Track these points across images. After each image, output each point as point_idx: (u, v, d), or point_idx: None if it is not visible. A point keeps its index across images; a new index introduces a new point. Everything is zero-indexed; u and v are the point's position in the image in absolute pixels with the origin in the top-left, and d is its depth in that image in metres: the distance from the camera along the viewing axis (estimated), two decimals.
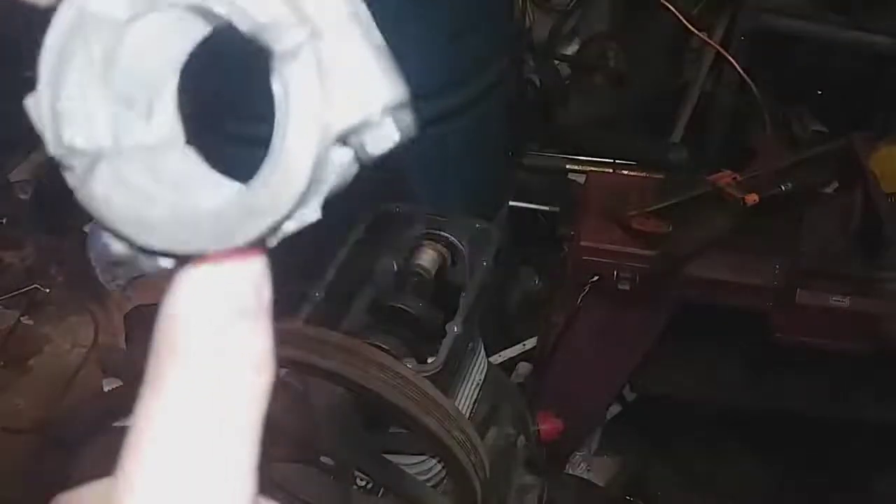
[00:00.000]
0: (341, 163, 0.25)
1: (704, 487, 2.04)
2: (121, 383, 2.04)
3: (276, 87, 0.23)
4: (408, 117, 0.24)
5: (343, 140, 0.24)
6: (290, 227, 0.25)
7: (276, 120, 0.23)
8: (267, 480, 0.27)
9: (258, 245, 0.25)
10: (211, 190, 0.25)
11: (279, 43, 0.23)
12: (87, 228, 2.45)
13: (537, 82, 2.38)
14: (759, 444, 2.06)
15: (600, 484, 2.04)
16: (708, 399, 2.02)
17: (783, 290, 1.50)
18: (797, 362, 1.76)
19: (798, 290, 1.49)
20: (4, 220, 2.42)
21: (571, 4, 2.38)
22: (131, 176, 0.25)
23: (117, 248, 0.27)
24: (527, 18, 2.27)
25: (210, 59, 0.27)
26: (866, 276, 1.49)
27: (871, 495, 2.03)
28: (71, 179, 0.25)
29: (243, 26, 0.23)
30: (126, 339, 1.92)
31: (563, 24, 2.41)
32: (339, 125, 0.23)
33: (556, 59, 2.47)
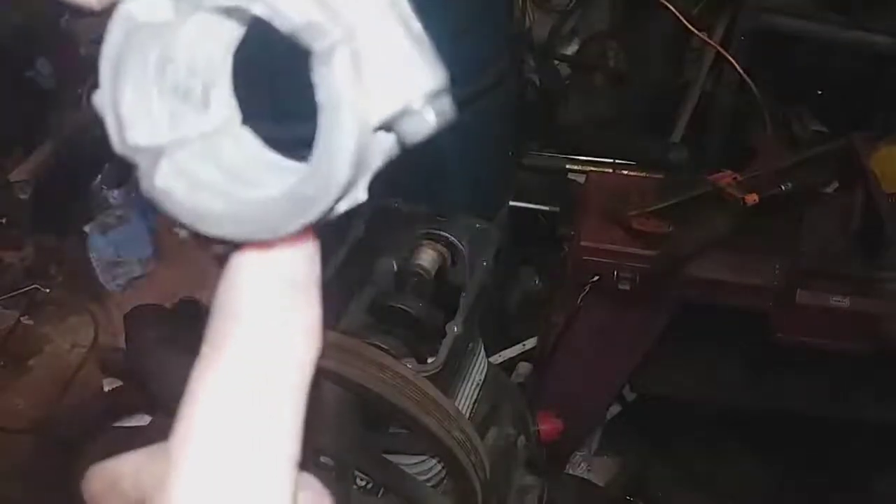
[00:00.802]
0: (385, 147, 0.26)
1: (705, 487, 2.04)
2: (120, 383, 2.03)
3: (317, 84, 0.25)
4: (446, 102, 0.25)
5: (386, 126, 0.25)
6: (342, 207, 0.27)
7: (318, 115, 0.25)
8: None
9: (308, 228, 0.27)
10: (269, 173, 0.27)
11: (316, 43, 0.24)
12: (87, 228, 2.45)
13: (537, 82, 2.37)
14: (760, 444, 2.06)
15: (600, 484, 2.04)
16: (708, 399, 2.02)
17: (783, 290, 1.50)
18: (797, 362, 1.75)
19: (798, 290, 1.49)
20: (4, 220, 2.42)
21: (571, 4, 2.38)
22: (192, 167, 0.27)
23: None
24: (527, 18, 2.27)
25: (259, 43, 0.28)
26: (867, 276, 1.49)
27: (871, 495, 2.03)
28: (138, 175, 0.27)
29: (282, 27, 0.24)
30: (126, 340, 1.92)
31: (563, 24, 2.41)
32: (381, 113, 0.25)
33: (556, 58, 2.47)
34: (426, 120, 0.25)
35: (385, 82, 0.24)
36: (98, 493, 0.34)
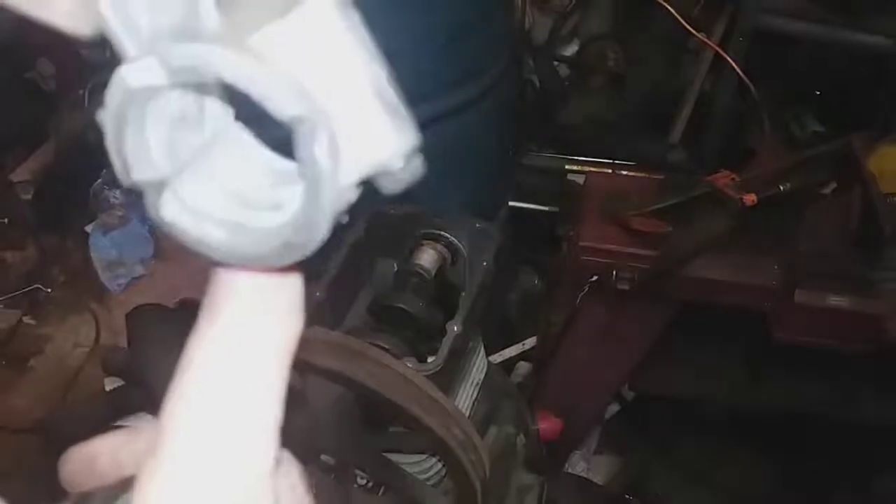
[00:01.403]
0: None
1: (704, 486, 2.04)
2: (122, 383, 2.04)
3: (298, 158, 0.27)
4: (416, 160, 0.28)
5: (362, 182, 0.28)
6: None
7: (304, 184, 0.27)
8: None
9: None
10: (266, 181, 0.29)
11: (300, 125, 0.26)
12: (88, 228, 2.46)
13: (536, 83, 2.38)
14: (759, 444, 2.07)
15: (600, 483, 2.04)
16: (707, 399, 2.03)
17: (782, 289, 1.51)
18: (796, 362, 1.76)
19: (797, 289, 1.49)
20: (6, 221, 2.43)
21: (571, 5, 2.38)
22: (193, 194, 0.29)
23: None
24: (526, 19, 2.28)
25: None
26: (865, 276, 1.49)
27: (871, 495, 2.03)
28: (146, 206, 0.29)
29: (272, 111, 0.26)
30: (128, 339, 1.93)
31: (563, 25, 2.41)
32: (359, 173, 0.28)
33: (556, 59, 2.47)
34: (398, 178, 0.28)
35: (362, 148, 0.27)
36: (74, 473, 0.36)
